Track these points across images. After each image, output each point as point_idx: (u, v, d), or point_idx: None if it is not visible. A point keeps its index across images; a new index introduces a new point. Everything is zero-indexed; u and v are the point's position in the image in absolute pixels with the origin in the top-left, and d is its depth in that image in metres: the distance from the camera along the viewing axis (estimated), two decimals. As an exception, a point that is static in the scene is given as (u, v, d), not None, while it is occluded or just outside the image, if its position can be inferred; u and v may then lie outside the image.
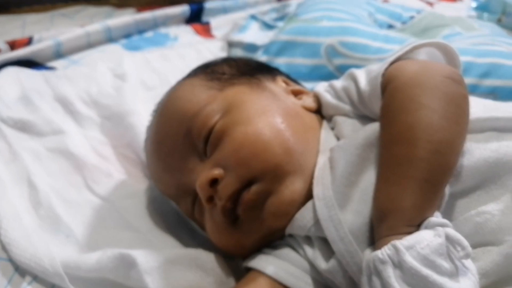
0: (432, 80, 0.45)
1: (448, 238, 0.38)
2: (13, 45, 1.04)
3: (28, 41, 1.06)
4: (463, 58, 0.90)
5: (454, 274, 0.37)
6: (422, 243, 0.38)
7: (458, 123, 0.44)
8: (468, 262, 0.38)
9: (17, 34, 1.17)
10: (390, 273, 0.38)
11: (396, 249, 0.38)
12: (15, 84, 0.90)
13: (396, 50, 0.92)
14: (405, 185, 0.42)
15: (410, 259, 0.37)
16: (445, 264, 0.37)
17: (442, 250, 0.37)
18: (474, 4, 1.48)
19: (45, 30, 1.17)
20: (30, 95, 0.86)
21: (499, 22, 1.32)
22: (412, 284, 0.37)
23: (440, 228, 0.39)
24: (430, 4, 1.51)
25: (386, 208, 0.42)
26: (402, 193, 0.42)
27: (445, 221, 0.40)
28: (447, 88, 0.45)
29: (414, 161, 0.42)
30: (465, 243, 0.38)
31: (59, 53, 1.05)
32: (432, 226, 0.39)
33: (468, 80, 0.88)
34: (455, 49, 0.54)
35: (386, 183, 0.44)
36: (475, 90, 0.88)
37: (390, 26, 1.14)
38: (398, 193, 0.42)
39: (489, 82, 0.88)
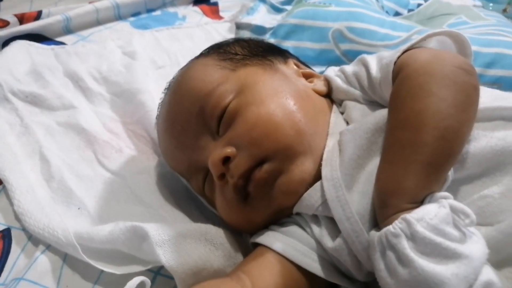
0: (443, 69, 0.47)
1: (453, 208, 0.40)
2: (21, 19, 1.04)
3: (37, 15, 1.06)
4: (469, 48, 0.92)
5: (463, 239, 0.39)
6: (430, 214, 0.40)
7: (466, 112, 0.45)
8: (473, 229, 0.41)
9: (25, 7, 1.17)
10: (405, 245, 0.40)
11: (407, 222, 0.40)
12: (25, 58, 0.91)
13: (403, 37, 0.94)
14: (409, 167, 0.43)
15: (422, 230, 0.39)
16: (454, 232, 0.39)
17: (449, 219, 0.40)
18: (480, -7, 1.48)
19: (53, 5, 1.17)
20: (40, 69, 0.88)
21: (504, 12, 1.33)
22: (426, 252, 0.39)
23: (443, 200, 0.41)
24: (437, -8, 1.51)
25: (389, 189, 0.44)
26: (405, 174, 0.43)
27: (447, 193, 0.42)
28: (457, 77, 0.46)
29: (419, 146, 0.43)
30: (469, 211, 0.40)
31: (68, 29, 1.05)
32: (436, 200, 0.42)
33: (473, 69, 0.90)
34: (467, 38, 0.55)
35: (390, 165, 0.45)
36: (480, 79, 0.89)
37: (397, 13, 1.15)
38: (401, 174, 0.44)
39: (493, 72, 0.89)
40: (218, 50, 0.63)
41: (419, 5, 1.17)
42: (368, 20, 0.96)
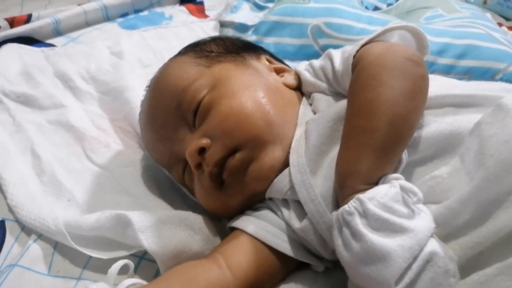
0: (393, 61, 0.50)
1: (402, 188, 0.44)
2: (12, 22, 1.08)
3: (27, 19, 1.10)
4: (441, 40, 0.96)
5: (411, 215, 0.43)
6: (381, 193, 0.44)
7: (414, 100, 0.49)
8: (421, 206, 0.45)
9: (15, 10, 1.21)
10: (358, 221, 0.44)
11: (360, 201, 0.44)
12: (16, 60, 0.94)
13: (379, 31, 0.98)
14: (362, 151, 0.47)
15: (372, 207, 0.43)
16: (402, 209, 0.43)
17: (398, 198, 0.44)
18: (461, -14, 1.51)
19: (43, 8, 1.21)
20: (31, 71, 0.91)
21: (484, 4, 1.37)
22: (376, 228, 0.43)
23: (394, 181, 0.45)
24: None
25: (345, 171, 0.48)
26: (359, 158, 0.47)
27: (399, 175, 0.46)
28: (406, 68, 0.50)
29: (371, 131, 0.47)
30: (416, 189, 0.44)
31: (57, 31, 1.09)
32: (388, 181, 0.46)
33: (445, 60, 0.94)
34: (423, 31, 0.59)
35: (346, 150, 0.49)
36: (452, 70, 0.94)
37: (376, 8, 1.19)
38: (355, 158, 0.48)
39: (465, 63, 0.93)
40: (195, 49, 0.67)
41: (397, -1, 1.21)
42: (345, 15, 1.00)
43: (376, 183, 0.47)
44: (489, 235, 0.45)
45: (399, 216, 0.43)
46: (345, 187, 0.48)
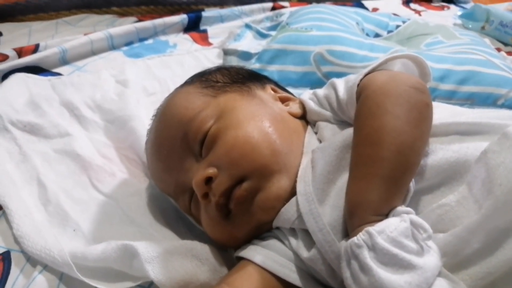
0: (397, 89, 0.51)
1: (412, 223, 0.44)
2: (20, 52, 1.09)
3: (35, 48, 1.12)
4: (442, 66, 0.98)
5: (419, 252, 0.43)
6: (390, 227, 0.43)
7: (419, 128, 0.50)
8: (430, 242, 0.44)
9: (23, 41, 1.23)
10: (366, 255, 0.43)
11: (369, 234, 0.44)
12: (23, 90, 0.95)
13: (380, 58, 1.00)
14: (371, 181, 0.47)
15: (382, 241, 0.43)
16: (412, 244, 0.43)
17: (407, 233, 0.43)
18: (459, 12, 1.54)
19: (50, 37, 1.23)
20: (37, 100, 0.92)
21: (482, 29, 1.39)
22: (385, 262, 0.43)
23: (405, 215, 0.45)
24: (418, 12, 1.58)
25: (356, 202, 0.48)
26: (369, 188, 0.47)
27: (409, 209, 0.46)
28: (410, 96, 0.51)
29: (378, 160, 0.48)
30: (427, 226, 0.44)
31: (64, 60, 1.10)
32: (398, 214, 0.45)
33: (447, 86, 0.95)
34: (424, 59, 0.60)
35: (355, 180, 0.50)
36: (454, 96, 0.95)
37: (377, 35, 1.21)
38: (365, 188, 0.48)
39: (466, 89, 0.94)
40: (200, 78, 0.68)
41: (397, 26, 1.23)
42: (347, 43, 1.02)
43: (386, 215, 0.46)
44: (499, 265, 0.45)
45: (408, 252, 0.43)
46: (356, 217, 0.48)
